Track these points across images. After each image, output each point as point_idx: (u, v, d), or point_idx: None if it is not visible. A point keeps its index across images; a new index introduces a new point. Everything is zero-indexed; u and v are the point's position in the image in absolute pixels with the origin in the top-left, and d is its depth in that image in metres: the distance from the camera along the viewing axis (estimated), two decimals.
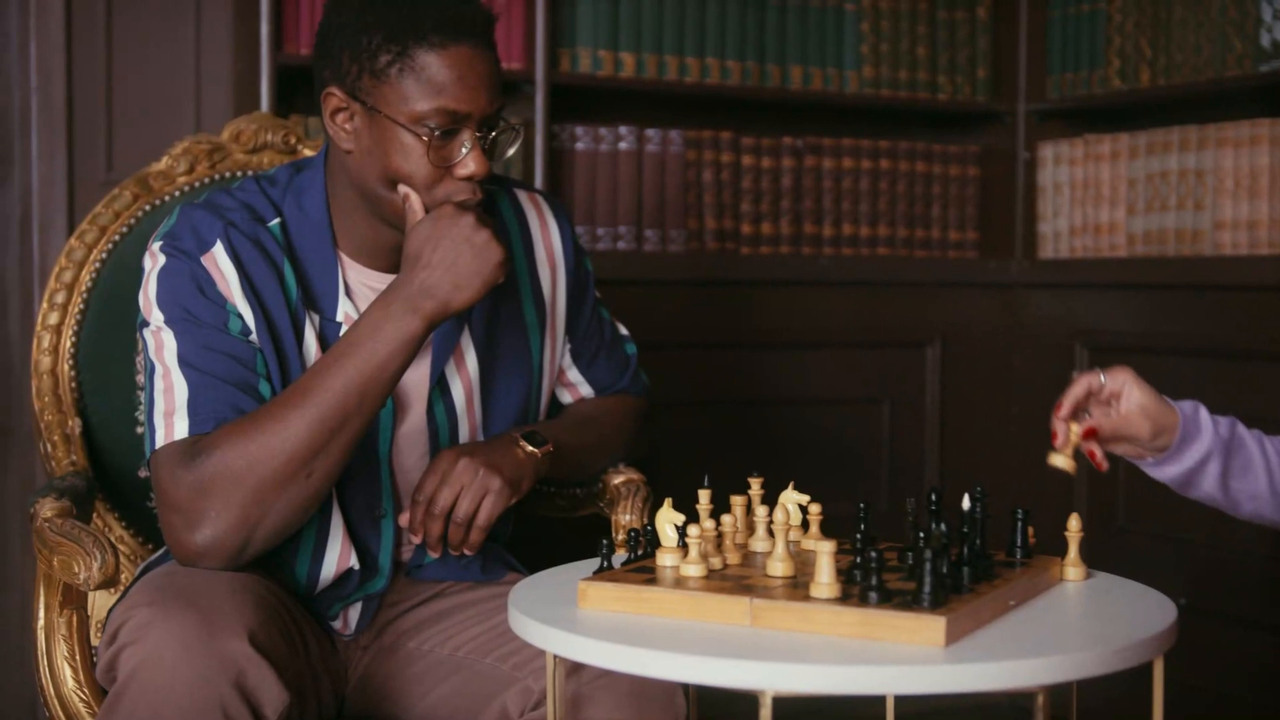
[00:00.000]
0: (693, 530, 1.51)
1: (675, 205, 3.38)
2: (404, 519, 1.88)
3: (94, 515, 2.15)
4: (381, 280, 1.89)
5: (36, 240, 2.96)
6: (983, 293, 3.67)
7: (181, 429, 1.73)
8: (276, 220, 1.87)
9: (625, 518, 2.04)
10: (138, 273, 2.18)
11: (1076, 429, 1.66)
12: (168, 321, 1.79)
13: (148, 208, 2.24)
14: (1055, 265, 3.58)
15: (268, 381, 1.79)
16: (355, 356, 1.72)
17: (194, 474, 1.69)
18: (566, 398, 2.16)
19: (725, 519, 1.59)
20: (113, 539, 2.17)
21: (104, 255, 2.20)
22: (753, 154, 3.46)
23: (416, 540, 1.90)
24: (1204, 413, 1.72)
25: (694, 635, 1.38)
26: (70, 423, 2.15)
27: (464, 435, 1.96)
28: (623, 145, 3.33)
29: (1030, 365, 3.64)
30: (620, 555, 1.65)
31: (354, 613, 1.94)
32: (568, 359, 2.12)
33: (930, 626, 1.32)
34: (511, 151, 1.91)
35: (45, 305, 2.18)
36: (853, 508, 1.61)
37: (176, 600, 1.59)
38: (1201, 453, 1.69)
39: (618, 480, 2.11)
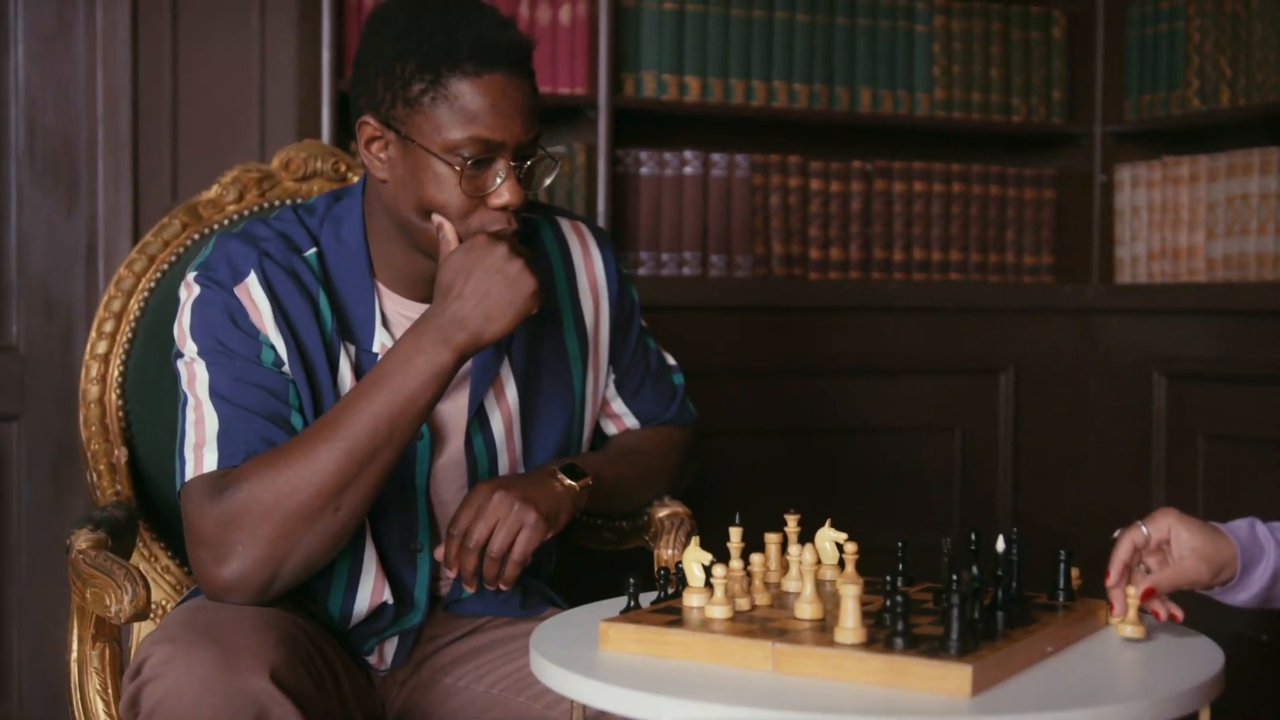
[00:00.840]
0: (719, 570, 1.47)
1: (741, 230, 3.33)
2: (439, 553, 1.85)
3: (140, 545, 2.15)
4: (418, 310, 1.86)
5: (102, 268, 2.98)
6: (1058, 318, 3.59)
7: (210, 461, 1.71)
8: (313, 250, 1.86)
9: (668, 552, 2.00)
10: None
11: (1133, 593, 1.54)
12: (200, 353, 1.78)
13: (196, 236, 2.23)
14: (1133, 290, 3.49)
15: (300, 414, 1.77)
16: (385, 389, 1.70)
17: (221, 507, 1.67)
18: (611, 429, 2.12)
19: (754, 558, 1.55)
20: (158, 569, 2.17)
21: (152, 284, 2.20)
22: (821, 178, 3.41)
23: (451, 575, 1.87)
24: (1260, 529, 1.59)
25: (714, 680, 1.34)
26: (116, 452, 2.15)
27: (503, 467, 1.93)
28: (688, 170, 3.29)
29: (1107, 393, 3.55)
30: (652, 594, 1.60)
31: (390, 647, 1.92)
32: (612, 389, 2.08)
33: (956, 675, 1.27)
34: (549, 181, 1.86)
35: (94, 334, 2.18)
36: (927, 539, 1.55)
37: (199, 637, 1.57)
38: (1269, 573, 1.57)
39: (662, 514, 2.07)
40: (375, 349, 1.84)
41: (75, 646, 1.81)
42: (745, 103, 3.32)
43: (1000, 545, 1.47)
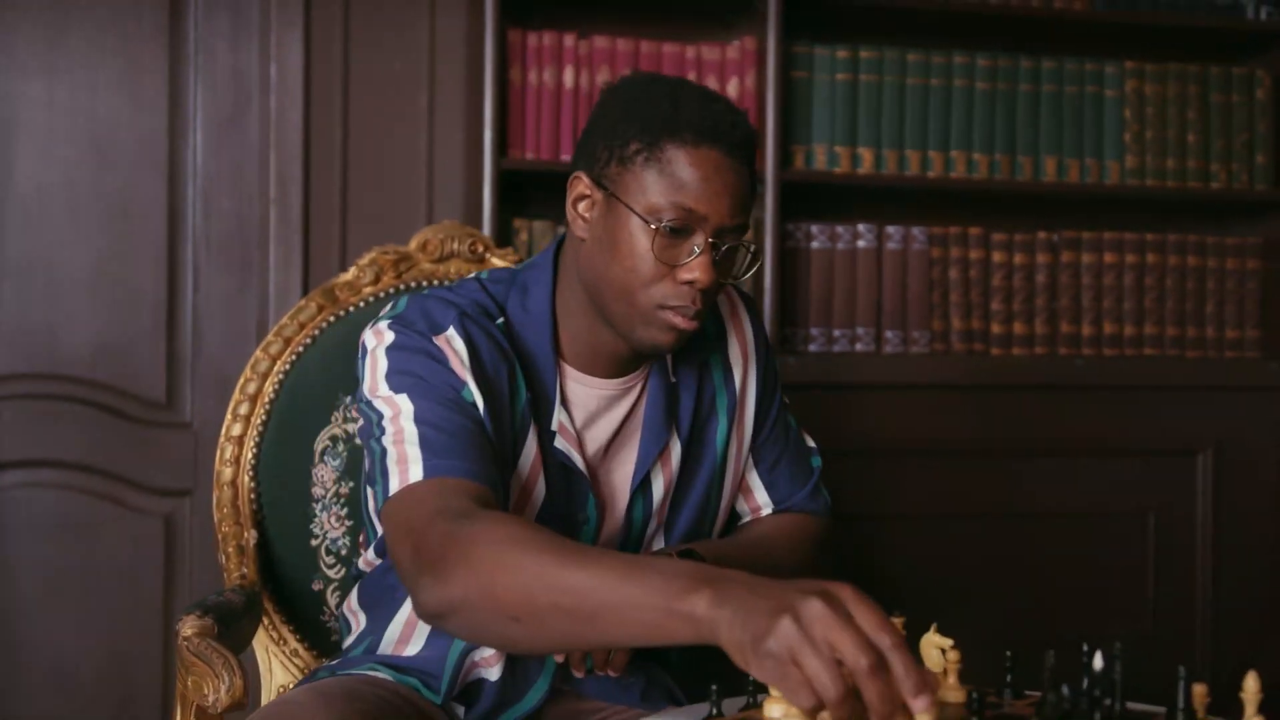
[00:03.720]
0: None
1: (919, 305, 3.22)
2: None
3: (270, 628, 2.15)
4: (598, 386, 1.83)
5: None
6: (1263, 396, 3.37)
7: (416, 473, 1.61)
8: (501, 320, 1.82)
9: None
10: (319, 385, 2.20)
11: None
12: (399, 389, 1.70)
13: (332, 319, 2.23)
14: None
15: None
16: (637, 589, 1.38)
17: (457, 526, 1.51)
18: (744, 506, 2.04)
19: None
20: (287, 652, 2.16)
21: (287, 367, 2.20)
22: (1004, 250, 3.28)
23: (559, 660, 1.81)
24: None
25: None
26: (246, 534, 2.15)
27: (650, 532, 1.87)
28: (861, 243, 3.20)
29: None
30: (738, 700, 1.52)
31: None
32: (749, 461, 2.00)
33: None
34: (747, 274, 1.80)
35: (230, 416, 2.20)
36: (1113, 633, 1.42)
37: None
38: None
39: None
40: (554, 427, 1.79)
41: None
42: (921, 173, 3.22)
43: (1099, 663, 1.34)
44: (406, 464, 1.62)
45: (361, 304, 2.25)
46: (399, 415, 1.66)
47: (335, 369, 2.20)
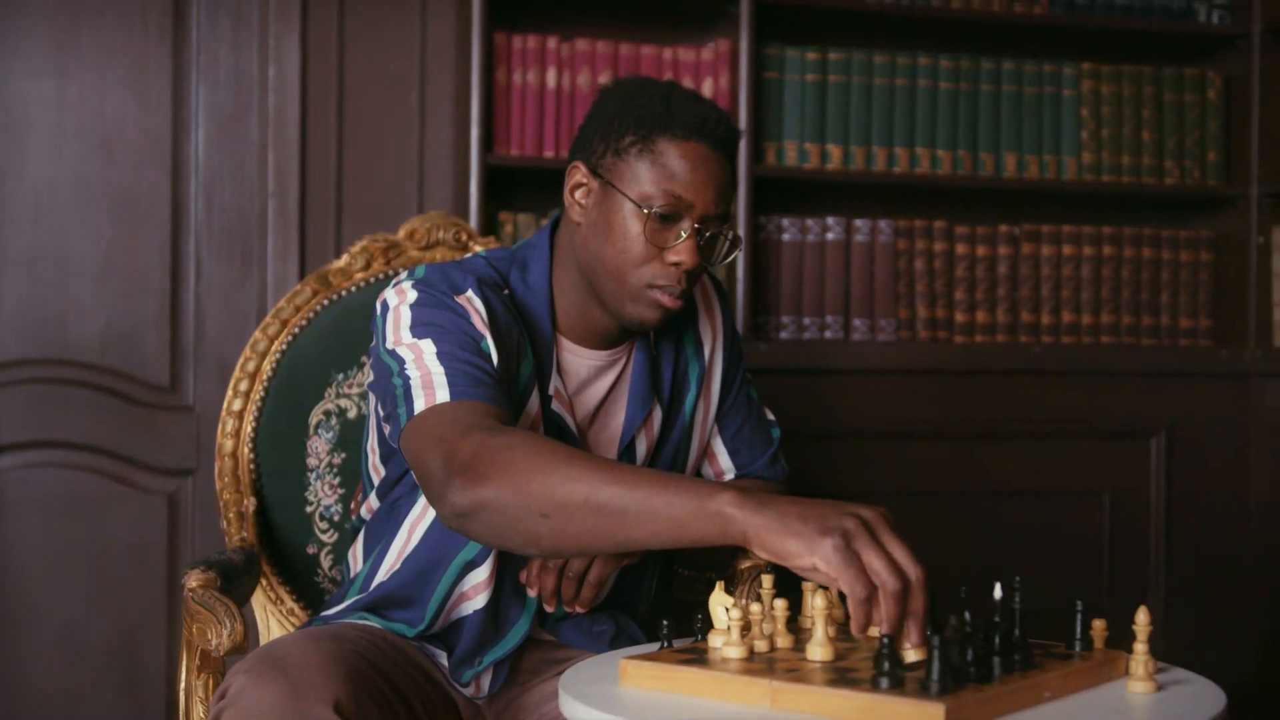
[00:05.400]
0: (734, 614, 1.54)
1: (885, 294, 3.39)
2: (523, 575, 1.96)
3: (267, 588, 2.32)
4: (588, 357, 2.01)
5: None
6: (1214, 382, 3.54)
7: (444, 395, 1.74)
8: (506, 291, 1.98)
9: (742, 602, 2.07)
10: (314, 363, 2.36)
11: (1140, 649, 1.53)
12: (421, 336, 1.82)
13: (326, 302, 2.40)
14: None
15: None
16: (667, 497, 1.56)
17: (489, 437, 1.65)
18: (708, 470, 2.21)
19: (779, 603, 1.61)
20: (284, 610, 2.33)
21: (284, 346, 2.37)
22: (967, 242, 3.45)
23: (532, 594, 1.97)
24: None
25: (709, 714, 1.41)
26: (245, 501, 2.31)
27: None
28: (830, 236, 3.37)
29: (1266, 458, 3.48)
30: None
31: (486, 679, 2.02)
32: (714, 429, 2.18)
33: (928, 713, 1.32)
34: (728, 259, 1.97)
35: (230, 393, 2.36)
36: (1067, 606, 1.59)
37: (271, 669, 1.71)
38: None
39: (744, 565, 2.14)
40: (550, 392, 1.96)
41: (184, 676, 1.97)
42: (888, 169, 3.39)
43: (998, 593, 1.50)
44: (433, 389, 1.75)
45: (353, 288, 2.42)
46: (421, 356, 1.80)
47: (329, 349, 2.37)
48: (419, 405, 1.75)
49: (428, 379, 1.77)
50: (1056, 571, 3.40)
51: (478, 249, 2.48)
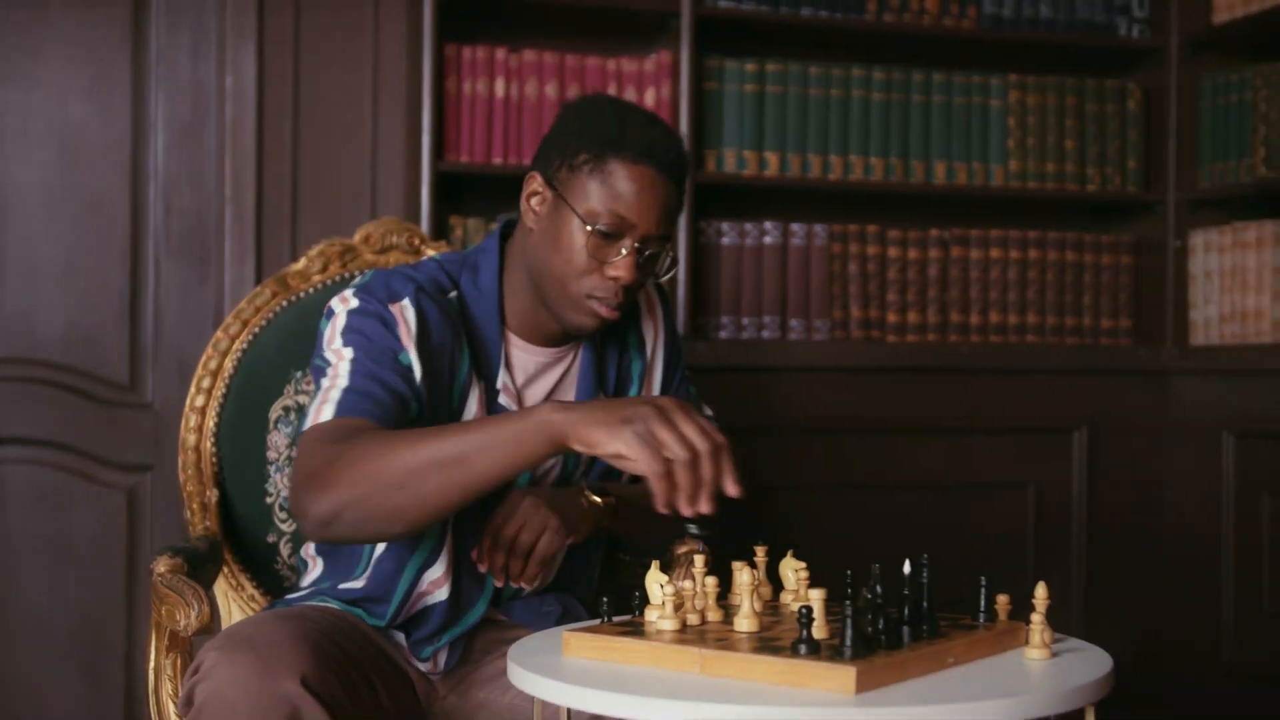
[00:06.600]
0: (668, 589, 1.68)
1: (820, 296, 3.53)
2: (475, 552, 2.09)
3: (229, 576, 2.43)
4: (536, 354, 2.15)
5: None
6: (1133, 379, 3.70)
7: (327, 413, 1.89)
8: (454, 293, 2.12)
9: (679, 583, 2.20)
10: (274, 361, 2.48)
11: (1038, 619, 1.65)
12: (348, 343, 1.98)
13: (285, 303, 2.52)
14: (1205, 352, 3.60)
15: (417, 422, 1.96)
16: (494, 434, 1.76)
17: (333, 450, 1.82)
18: None
19: (709, 580, 1.75)
20: (244, 597, 2.44)
21: (244, 346, 2.48)
22: (899, 246, 3.59)
23: (483, 569, 2.10)
24: None
25: (647, 680, 1.54)
26: (208, 493, 2.43)
27: (576, 475, 2.21)
28: (768, 240, 3.51)
29: (1181, 452, 3.65)
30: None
31: (443, 656, 2.15)
32: None
33: (841, 675, 1.46)
34: (666, 275, 2.11)
35: (193, 389, 2.47)
36: (991, 593, 1.73)
37: (241, 645, 1.83)
38: None
39: (681, 550, 2.28)
40: (499, 385, 2.10)
41: (153, 656, 2.09)
42: (823, 176, 3.53)
43: (907, 568, 1.65)
44: (325, 405, 1.91)
45: (311, 290, 2.53)
46: (340, 363, 1.97)
47: (288, 347, 2.48)
48: (308, 421, 1.91)
49: (326, 395, 1.92)
50: (985, 559, 3.55)
51: (430, 253, 2.60)
